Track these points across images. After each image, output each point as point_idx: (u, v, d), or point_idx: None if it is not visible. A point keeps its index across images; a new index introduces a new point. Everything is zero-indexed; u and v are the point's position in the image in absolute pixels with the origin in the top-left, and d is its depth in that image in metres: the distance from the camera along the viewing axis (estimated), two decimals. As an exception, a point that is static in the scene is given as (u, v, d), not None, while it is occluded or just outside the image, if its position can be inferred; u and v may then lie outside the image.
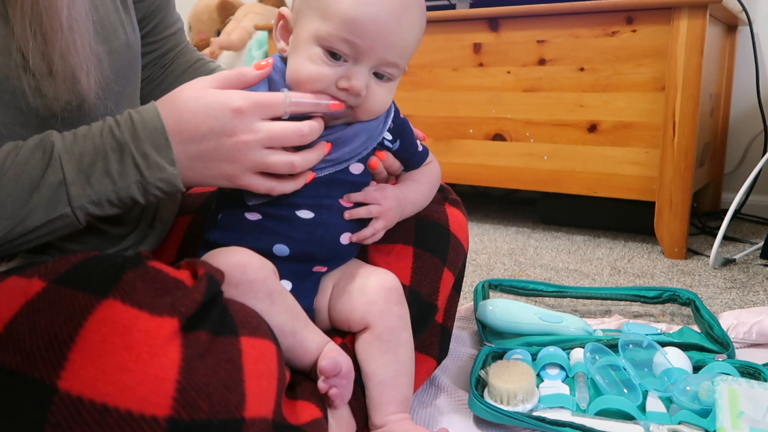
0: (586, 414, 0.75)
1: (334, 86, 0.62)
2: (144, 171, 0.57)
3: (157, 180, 0.58)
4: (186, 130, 0.58)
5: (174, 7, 0.85)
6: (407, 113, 1.88)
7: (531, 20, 1.61)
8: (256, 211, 0.66)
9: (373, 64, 0.63)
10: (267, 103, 0.60)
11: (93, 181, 0.57)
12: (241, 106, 0.59)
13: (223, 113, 0.58)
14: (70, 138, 0.57)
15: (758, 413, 0.68)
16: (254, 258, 0.63)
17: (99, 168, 0.57)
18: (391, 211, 0.68)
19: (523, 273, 1.39)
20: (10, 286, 0.48)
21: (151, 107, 0.59)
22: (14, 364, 0.43)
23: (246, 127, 0.59)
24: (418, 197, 0.74)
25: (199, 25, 2.60)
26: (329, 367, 0.60)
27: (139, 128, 0.58)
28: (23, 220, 0.55)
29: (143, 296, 0.46)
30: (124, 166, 0.57)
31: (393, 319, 0.68)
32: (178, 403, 0.43)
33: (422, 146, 0.75)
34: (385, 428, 0.67)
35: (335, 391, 0.61)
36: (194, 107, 0.58)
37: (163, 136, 0.58)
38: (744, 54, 1.85)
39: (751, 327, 0.96)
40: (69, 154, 0.56)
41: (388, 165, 0.71)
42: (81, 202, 0.57)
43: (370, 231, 0.68)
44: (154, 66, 0.85)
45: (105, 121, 0.59)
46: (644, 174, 1.52)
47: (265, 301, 0.60)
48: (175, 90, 0.61)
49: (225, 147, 0.59)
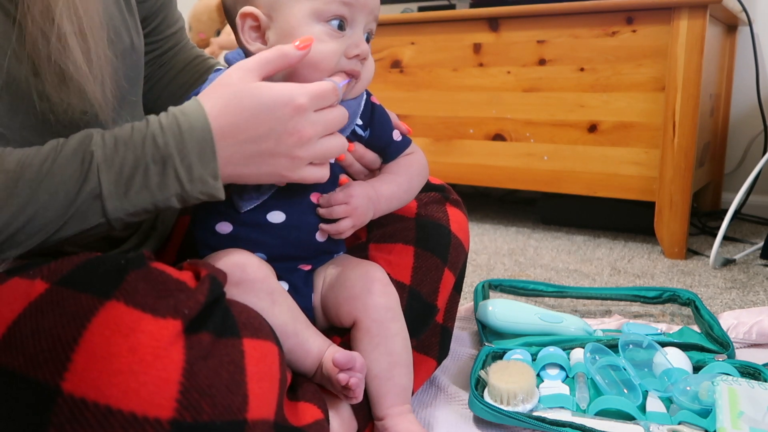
0: (586, 414, 0.75)
1: (344, 59, 0.63)
2: (186, 185, 0.54)
3: (199, 193, 0.55)
4: (243, 131, 0.55)
5: (176, 6, 0.85)
6: (407, 113, 1.89)
7: (531, 20, 1.61)
8: (227, 221, 0.65)
9: (366, 21, 0.64)
10: (322, 94, 0.58)
11: (131, 194, 0.54)
12: (303, 103, 0.56)
13: (283, 111, 0.56)
14: (111, 145, 0.54)
15: (758, 413, 0.68)
16: (253, 258, 0.63)
17: (138, 181, 0.53)
18: (358, 209, 0.66)
19: (523, 273, 1.39)
20: (12, 288, 0.48)
21: (198, 110, 0.55)
22: (17, 365, 0.43)
23: (306, 123, 0.57)
24: (394, 190, 0.71)
25: (199, 25, 2.60)
26: (344, 358, 0.60)
27: (186, 137, 0.54)
28: (57, 231, 0.53)
29: (146, 298, 0.46)
30: (165, 179, 0.54)
31: (378, 311, 0.67)
32: (182, 405, 0.43)
33: (402, 137, 0.73)
34: (384, 421, 0.67)
35: (355, 381, 0.60)
36: (252, 106, 0.55)
37: (210, 148, 0.54)
38: (744, 54, 1.85)
39: (751, 327, 0.97)
40: (108, 166, 0.53)
41: (359, 156, 0.70)
42: (117, 215, 0.54)
43: (333, 228, 0.66)
44: (153, 65, 0.85)
45: (148, 126, 0.55)
46: (644, 174, 1.52)
47: (266, 300, 0.61)
48: (221, 83, 0.57)
49: (286, 145, 0.56)
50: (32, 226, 0.52)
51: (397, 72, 1.82)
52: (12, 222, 0.51)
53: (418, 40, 1.78)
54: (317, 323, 0.71)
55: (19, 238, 0.52)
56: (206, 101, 0.56)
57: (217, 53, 2.47)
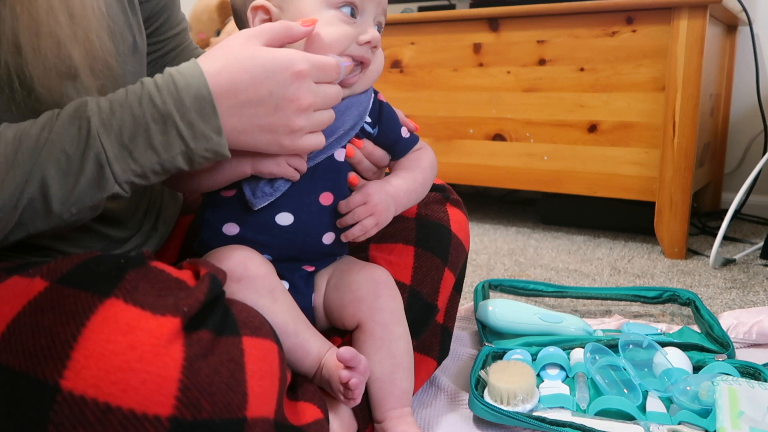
0: (586, 414, 0.75)
1: (354, 45, 0.63)
2: (189, 142, 0.53)
3: (204, 150, 0.54)
4: (242, 92, 0.54)
5: (179, 8, 0.85)
6: (407, 113, 1.89)
7: (531, 20, 1.61)
8: (234, 222, 0.65)
9: (375, 13, 0.65)
10: (323, 65, 0.58)
11: (136, 155, 0.53)
12: (303, 69, 0.56)
13: (283, 76, 0.55)
14: (107, 109, 0.53)
15: (758, 413, 0.68)
16: (255, 255, 0.63)
17: (141, 141, 0.52)
18: (378, 205, 0.65)
19: (523, 273, 1.39)
20: (12, 286, 0.48)
21: (194, 69, 0.54)
22: (17, 363, 0.43)
23: (306, 91, 0.56)
24: (410, 185, 0.70)
25: (199, 25, 2.60)
26: (349, 354, 0.59)
27: (184, 94, 0.53)
28: (73, 200, 0.52)
29: (146, 296, 0.46)
30: (168, 138, 0.53)
31: (383, 314, 0.68)
32: (181, 403, 0.43)
33: (410, 133, 0.73)
34: (384, 424, 0.67)
35: (356, 381, 0.59)
36: (251, 68, 0.54)
37: (210, 104, 0.53)
38: (744, 54, 1.85)
39: (751, 327, 0.97)
40: (107, 129, 0.52)
41: (368, 153, 0.70)
42: (126, 176, 0.53)
43: (359, 229, 0.65)
44: (155, 65, 0.84)
45: (143, 86, 0.54)
46: (644, 174, 1.53)
47: (267, 297, 0.60)
48: (222, 45, 0.56)
49: (284, 112, 0.56)
50: (44, 195, 0.51)
51: (397, 72, 1.82)
52: (21, 193, 0.50)
53: (418, 40, 1.78)
54: (317, 324, 0.71)
55: (38, 206, 0.51)
56: (204, 62, 0.55)
57: (217, 53, 2.47)
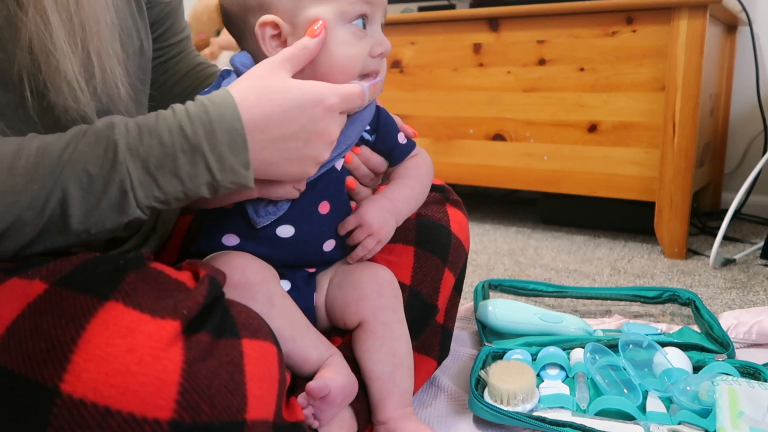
0: (586, 414, 0.75)
1: (368, 58, 0.63)
2: (216, 174, 0.53)
3: (230, 182, 0.54)
4: (275, 126, 0.54)
5: (183, 15, 0.85)
6: (407, 113, 1.89)
7: (531, 20, 1.61)
8: (235, 234, 0.65)
9: (380, 15, 0.65)
10: (351, 96, 0.59)
11: (161, 183, 0.52)
12: (334, 103, 0.57)
13: (315, 111, 0.56)
14: (135, 134, 0.52)
15: (758, 413, 0.68)
16: (254, 261, 0.63)
17: (167, 170, 0.52)
18: (373, 225, 0.67)
19: (523, 273, 1.39)
20: (11, 288, 0.48)
21: (228, 100, 0.54)
22: (16, 366, 0.43)
23: (335, 124, 0.58)
24: (408, 193, 0.71)
25: (199, 25, 2.60)
26: (316, 388, 0.59)
27: (216, 126, 0.52)
28: (94, 221, 0.52)
29: (145, 298, 0.46)
30: (195, 169, 0.53)
31: (386, 313, 0.68)
32: (181, 406, 0.43)
33: (407, 140, 0.73)
34: (388, 425, 0.67)
35: (309, 411, 0.60)
36: (283, 102, 0.55)
37: (241, 138, 0.53)
38: (744, 54, 1.85)
39: (751, 327, 0.97)
40: (134, 156, 0.51)
41: (366, 159, 0.70)
42: (149, 202, 0.53)
43: (361, 250, 0.68)
44: (157, 70, 0.84)
45: (174, 114, 0.53)
46: (644, 174, 1.52)
47: (264, 304, 0.60)
48: (253, 77, 0.56)
49: (314, 146, 0.57)
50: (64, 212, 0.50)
51: (397, 72, 1.82)
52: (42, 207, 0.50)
53: (418, 40, 1.78)
54: (318, 323, 0.71)
55: (57, 222, 0.51)
56: (236, 92, 0.54)
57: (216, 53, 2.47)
